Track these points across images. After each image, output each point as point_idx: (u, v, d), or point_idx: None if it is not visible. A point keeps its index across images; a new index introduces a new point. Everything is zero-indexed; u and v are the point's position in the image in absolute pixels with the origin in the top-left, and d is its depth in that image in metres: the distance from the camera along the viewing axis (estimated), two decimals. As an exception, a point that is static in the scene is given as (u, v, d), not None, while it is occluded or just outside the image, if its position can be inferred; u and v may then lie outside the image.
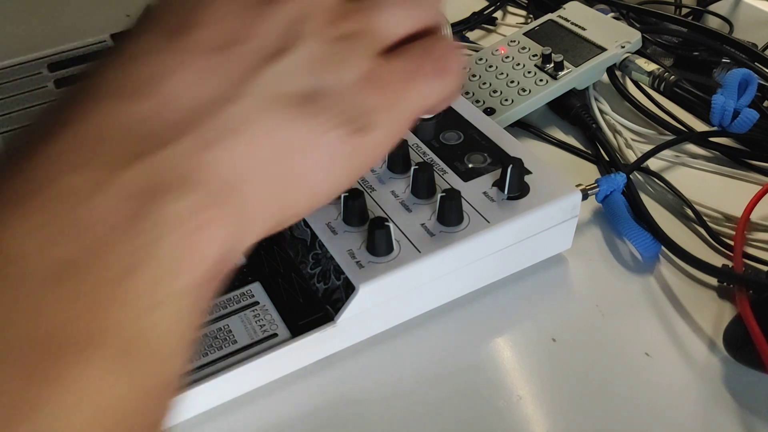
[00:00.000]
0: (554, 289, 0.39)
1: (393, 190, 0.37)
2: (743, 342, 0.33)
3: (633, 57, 0.50)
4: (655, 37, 0.57)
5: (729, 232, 0.42)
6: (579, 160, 0.49)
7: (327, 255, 0.34)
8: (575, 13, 0.54)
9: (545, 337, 0.36)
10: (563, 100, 0.51)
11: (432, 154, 0.39)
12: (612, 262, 0.41)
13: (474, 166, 0.38)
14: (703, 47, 0.56)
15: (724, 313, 0.37)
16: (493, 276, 0.38)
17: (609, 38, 0.51)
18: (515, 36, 0.54)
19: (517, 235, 0.36)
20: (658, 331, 0.37)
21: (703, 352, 0.36)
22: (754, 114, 0.44)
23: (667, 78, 0.48)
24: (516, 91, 0.49)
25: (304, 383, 0.34)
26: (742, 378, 0.34)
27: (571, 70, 0.50)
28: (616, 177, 0.42)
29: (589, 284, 0.39)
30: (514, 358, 0.36)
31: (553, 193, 0.36)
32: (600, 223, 0.43)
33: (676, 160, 0.48)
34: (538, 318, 0.37)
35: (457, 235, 0.34)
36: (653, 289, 0.39)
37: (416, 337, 0.36)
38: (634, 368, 0.35)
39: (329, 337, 0.33)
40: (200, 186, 0.19)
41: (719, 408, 0.33)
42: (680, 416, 0.33)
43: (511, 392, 0.34)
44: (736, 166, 0.48)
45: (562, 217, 0.37)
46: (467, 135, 0.41)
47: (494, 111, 0.49)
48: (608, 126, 0.50)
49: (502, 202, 0.36)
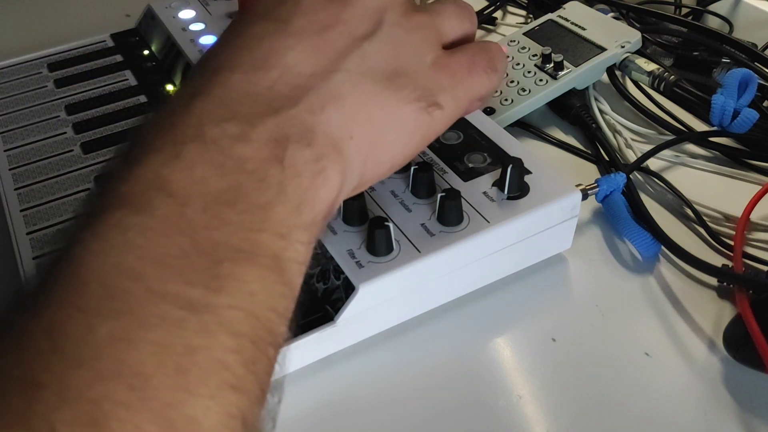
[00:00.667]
0: (554, 289, 0.39)
1: (393, 189, 0.37)
2: (743, 342, 0.33)
3: (633, 57, 0.50)
4: (655, 37, 0.57)
5: (729, 232, 0.42)
6: (579, 160, 0.49)
7: (327, 255, 0.34)
8: (575, 12, 0.54)
9: (545, 337, 0.36)
10: (563, 100, 0.51)
11: (432, 153, 0.39)
12: (612, 262, 0.41)
13: (474, 166, 0.38)
14: (703, 47, 0.56)
15: (724, 313, 0.37)
16: (493, 276, 0.38)
17: (609, 38, 0.51)
18: (515, 36, 0.54)
19: (517, 235, 0.36)
20: (658, 331, 0.37)
21: (703, 352, 0.36)
22: (754, 114, 0.44)
23: (667, 78, 0.48)
24: (516, 90, 0.49)
25: (304, 383, 0.34)
26: (742, 378, 0.34)
27: (571, 70, 0.50)
28: (616, 177, 0.42)
29: (589, 284, 0.39)
30: (514, 358, 0.36)
31: (553, 193, 0.36)
32: (600, 223, 0.43)
33: (676, 160, 0.48)
34: (538, 318, 0.37)
35: (457, 234, 0.34)
36: (653, 289, 0.39)
37: (416, 337, 0.36)
38: (634, 368, 0.35)
39: (329, 337, 0.33)
40: (318, 139, 0.23)
41: (719, 408, 0.33)
42: (680, 416, 0.33)
43: (511, 392, 0.34)
44: (736, 166, 0.48)
45: (562, 217, 0.37)
46: (467, 135, 0.41)
47: (494, 111, 0.49)
48: (608, 126, 0.50)
49: (502, 202, 0.36)
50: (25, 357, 0.17)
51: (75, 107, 0.49)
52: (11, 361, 0.17)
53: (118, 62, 0.54)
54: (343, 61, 0.25)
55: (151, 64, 0.53)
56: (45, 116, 0.49)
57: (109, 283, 0.18)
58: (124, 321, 0.18)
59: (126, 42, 0.56)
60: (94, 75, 0.52)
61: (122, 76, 0.52)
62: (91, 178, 0.43)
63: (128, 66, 0.53)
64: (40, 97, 0.51)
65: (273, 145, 0.22)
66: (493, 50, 0.30)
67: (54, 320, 0.18)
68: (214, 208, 0.20)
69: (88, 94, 0.50)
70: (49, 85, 0.52)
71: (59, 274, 0.19)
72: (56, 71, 0.53)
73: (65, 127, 0.47)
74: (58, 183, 0.43)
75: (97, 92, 0.51)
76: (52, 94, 0.51)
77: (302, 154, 0.22)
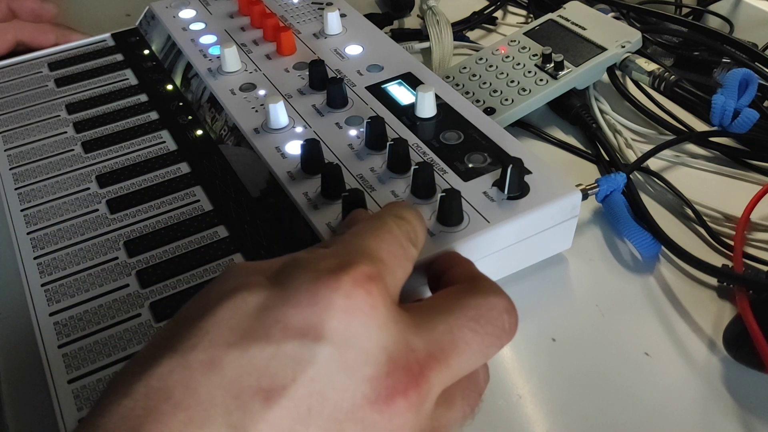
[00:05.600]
0: (554, 289, 0.39)
1: (393, 189, 0.37)
2: (743, 342, 0.33)
3: (633, 57, 0.50)
4: (655, 37, 0.57)
5: (729, 232, 0.42)
6: (579, 160, 0.49)
7: (327, 255, 0.34)
8: (575, 12, 0.54)
9: (545, 337, 0.37)
10: (563, 99, 0.51)
11: (432, 153, 0.39)
12: (612, 262, 0.41)
13: (474, 166, 0.38)
14: (704, 47, 0.56)
15: (724, 313, 0.37)
16: (493, 276, 0.38)
17: (609, 38, 0.51)
18: (515, 36, 0.54)
19: (517, 235, 0.36)
20: (657, 330, 0.37)
21: (703, 352, 0.36)
22: (754, 114, 0.44)
23: (668, 78, 0.48)
24: (516, 90, 0.49)
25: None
26: (742, 378, 0.34)
27: (571, 69, 0.50)
28: (616, 177, 0.42)
29: (589, 284, 0.39)
30: (514, 357, 0.36)
31: (553, 193, 0.36)
32: (600, 223, 0.43)
33: (676, 160, 0.48)
34: (538, 318, 0.37)
35: (457, 235, 0.34)
36: (653, 289, 0.39)
37: (416, 336, 0.36)
38: (633, 368, 0.35)
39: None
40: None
41: (719, 408, 0.33)
42: (680, 416, 0.33)
43: (511, 392, 0.34)
44: (736, 166, 0.48)
45: (562, 217, 0.37)
46: (467, 135, 0.41)
47: (494, 111, 0.49)
48: (608, 126, 0.50)
49: (502, 202, 0.36)
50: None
51: (75, 106, 0.49)
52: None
53: (119, 61, 0.54)
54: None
55: (151, 63, 0.53)
56: (45, 115, 0.49)
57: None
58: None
59: (126, 41, 0.56)
60: (95, 74, 0.52)
61: (123, 75, 0.52)
62: (92, 178, 0.43)
63: (129, 65, 0.53)
64: (41, 97, 0.51)
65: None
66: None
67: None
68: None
69: (89, 93, 0.50)
70: (49, 85, 0.52)
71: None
72: (57, 70, 0.53)
73: (66, 126, 0.47)
74: (59, 182, 0.43)
75: (98, 91, 0.51)
76: (53, 93, 0.51)
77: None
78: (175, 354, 0.21)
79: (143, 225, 0.39)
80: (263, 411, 0.20)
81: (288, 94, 0.46)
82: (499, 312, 0.25)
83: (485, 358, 0.25)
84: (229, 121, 0.44)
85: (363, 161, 0.39)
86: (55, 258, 0.38)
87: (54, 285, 0.36)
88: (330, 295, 0.22)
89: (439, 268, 0.30)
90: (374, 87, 0.45)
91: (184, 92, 0.49)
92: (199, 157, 0.44)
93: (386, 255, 0.25)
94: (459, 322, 0.24)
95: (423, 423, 0.23)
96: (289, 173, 0.39)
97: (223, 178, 0.42)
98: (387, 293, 0.23)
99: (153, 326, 0.34)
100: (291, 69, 0.48)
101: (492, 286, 0.26)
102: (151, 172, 0.43)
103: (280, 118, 0.42)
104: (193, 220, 0.39)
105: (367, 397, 0.21)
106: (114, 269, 0.37)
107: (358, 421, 0.21)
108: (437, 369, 0.23)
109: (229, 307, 0.22)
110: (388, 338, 0.22)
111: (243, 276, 0.24)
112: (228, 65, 0.48)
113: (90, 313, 0.35)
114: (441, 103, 0.43)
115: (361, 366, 0.21)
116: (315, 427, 0.21)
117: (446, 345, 0.24)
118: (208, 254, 0.37)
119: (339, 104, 0.44)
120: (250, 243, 0.37)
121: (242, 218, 0.39)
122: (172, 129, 0.46)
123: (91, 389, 0.32)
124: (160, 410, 0.20)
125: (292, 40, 0.50)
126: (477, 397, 0.26)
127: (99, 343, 0.34)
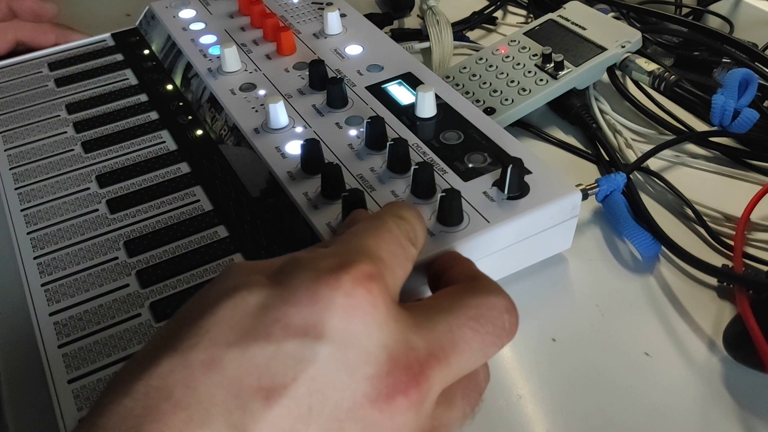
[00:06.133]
0: (554, 289, 0.39)
1: (393, 189, 0.37)
2: (743, 342, 0.33)
3: (633, 57, 0.50)
4: (655, 37, 0.57)
5: (729, 232, 0.42)
6: (579, 160, 0.49)
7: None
8: (575, 12, 0.54)
9: (545, 337, 0.37)
10: (563, 99, 0.51)
11: (432, 153, 0.39)
12: (612, 262, 0.41)
13: (474, 166, 0.38)
14: (704, 47, 0.56)
15: (724, 313, 0.37)
16: (493, 276, 0.37)
17: (609, 38, 0.51)
18: (515, 35, 0.54)
19: (517, 235, 0.36)
20: (657, 330, 0.37)
21: (703, 351, 0.36)
22: (755, 114, 0.44)
23: (668, 78, 0.48)
24: (516, 90, 0.49)
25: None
26: (742, 378, 0.34)
27: (571, 69, 0.50)
28: (616, 177, 0.42)
29: (589, 284, 0.39)
30: (514, 357, 0.36)
31: (553, 193, 0.36)
32: (600, 223, 0.43)
33: (676, 160, 0.48)
34: (538, 318, 0.37)
35: (457, 235, 0.34)
36: (653, 289, 0.39)
37: (416, 336, 0.36)
38: (633, 368, 0.35)
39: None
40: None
41: (719, 408, 0.33)
42: (680, 416, 0.33)
43: (511, 392, 0.34)
44: (736, 166, 0.48)
45: (562, 217, 0.37)
46: (467, 135, 0.41)
47: (494, 111, 0.49)
48: (608, 126, 0.50)
49: (502, 202, 0.36)
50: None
51: (75, 106, 0.49)
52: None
53: (119, 61, 0.54)
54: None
55: (151, 63, 0.53)
56: (45, 115, 0.49)
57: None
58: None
59: (126, 41, 0.56)
60: (95, 74, 0.52)
61: (123, 75, 0.52)
62: (92, 178, 0.43)
63: (129, 65, 0.53)
64: (41, 97, 0.51)
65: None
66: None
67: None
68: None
69: (89, 93, 0.50)
70: (49, 84, 0.52)
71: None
72: (57, 70, 0.53)
73: (66, 126, 0.47)
74: (59, 182, 0.43)
75: (98, 91, 0.51)
76: (53, 93, 0.51)
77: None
78: (175, 353, 0.21)
79: (143, 225, 0.39)
80: (264, 410, 0.20)
81: (288, 94, 0.46)
82: (499, 311, 0.25)
83: (485, 357, 0.25)
84: (229, 121, 0.44)
85: (363, 161, 0.39)
86: (55, 258, 0.38)
87: (54, 285, 0.36)
88: (330, 294, 0.22)
89: (439, 267, 0.30)
90: (374, 87, 0.45)
91: (184, 92, 0.49)
92: (199, 157, 0.44)
93: (386, 254, 0.25)
94: (459, 321, 0.24)
95: (423, 422, 0.23)
96: (289, 173, 0.39)
97: (223, 178, 0.42)
98: (387, 292, 0.23)
99: (153, 326, 0.34)
100: (291, 69, 0.48)
101: (492, 286, 0.26)
102: (151, 172, 0.43)
103: (280, 118, 0.42)
104: (193, 220, 0.39)
105: (368, 395, 0.21)
106: (114, 269, 0.37)
107: (359, 420, 0.21)
108: (438, 368, 0.23)
109: (229, 306, 0.22)
110: (389, 337, 0.22)
111: (243, 275, 0.24)
112: (228, 65, 0.48)
113: (90, 313, 0.35)
114: (441, 103, 0.43)
115: (361, 365, 0.21)
116: (315, 426, 0.21)
117: (447, 344, 0.24)
118: (208, 254, 0.37)
119: (339, 104, 0.44)
120: (250, 243, 0.37)
121: (242, 218, 0.39)
122: (172, 129, 0.46)
123: (91, 389, 0.32)
124: (160, 410, 0.20)
125: (292, 40, 0.50)
126: (477, 397, 0.26)
127: (99, 343, 0.34)
